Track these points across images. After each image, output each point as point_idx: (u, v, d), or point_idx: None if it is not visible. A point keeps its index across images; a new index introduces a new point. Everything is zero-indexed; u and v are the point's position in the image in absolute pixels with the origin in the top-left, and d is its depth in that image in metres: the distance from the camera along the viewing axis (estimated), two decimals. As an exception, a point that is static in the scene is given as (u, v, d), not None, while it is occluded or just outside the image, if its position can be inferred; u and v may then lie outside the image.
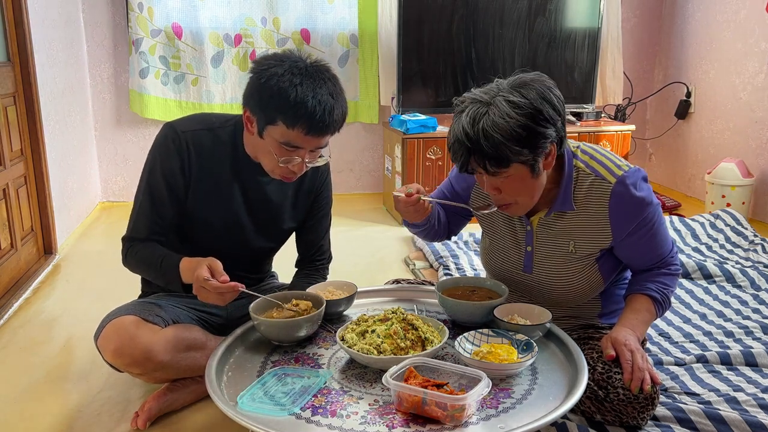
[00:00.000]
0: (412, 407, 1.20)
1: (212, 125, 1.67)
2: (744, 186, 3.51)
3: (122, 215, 3.84)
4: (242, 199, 1.70)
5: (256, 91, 1.50)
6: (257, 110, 1.52)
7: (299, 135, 1.49)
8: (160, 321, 1.63)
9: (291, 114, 1.46)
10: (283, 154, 1.53)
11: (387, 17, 3.96)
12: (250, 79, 1.53)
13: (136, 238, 1.66)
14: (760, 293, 2.40)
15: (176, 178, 1.63)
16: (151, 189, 1.64)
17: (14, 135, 2.77)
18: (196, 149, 1.63)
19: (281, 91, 1.46)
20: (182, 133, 1.62)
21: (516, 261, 1.66)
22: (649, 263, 1.60)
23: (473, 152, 1.40)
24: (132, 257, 1.66)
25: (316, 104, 1.46)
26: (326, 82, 1.51)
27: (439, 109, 3.87)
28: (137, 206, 1.67)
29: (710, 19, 3.98)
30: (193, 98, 3.95)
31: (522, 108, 1.37)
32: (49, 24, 3.16)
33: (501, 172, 1.41)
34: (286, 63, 1.50)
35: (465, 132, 1.39)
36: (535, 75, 1.44)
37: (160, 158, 1.63)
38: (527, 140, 1.38)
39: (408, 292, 1.81)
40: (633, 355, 1.43)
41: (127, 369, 1.62)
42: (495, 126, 1.36)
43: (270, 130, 1.51)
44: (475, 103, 1.41)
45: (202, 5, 3.81)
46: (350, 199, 4.15)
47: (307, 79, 1.48)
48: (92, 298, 2.59)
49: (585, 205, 1.55)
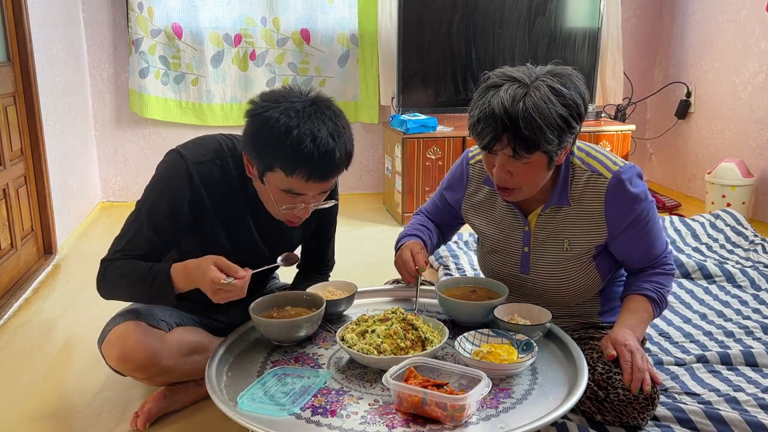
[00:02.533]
0: (412, 407, 1.20)
1: (223, 155, 1.56)
2: (744, 186, 3.51)
3: (122, 215, 3.80)
4: (255, 227, 1.63)
5: (251, 137, 1.42)
6: (254, 157, 1.43)
7: (300, 182, 1.40)
8: (165, 325, 1.62)
9: (288, 161, 1.37)
10: (286, 201, 1.45)
11: (387, 17, 3.96)
12: (246, 122, 1.44)
13: (115, 259, 1.55)
14: (760, 293, 2.40)
15: (183, 211, 1.53)
16: (151, 215, 1.53)
17: (14, 135, 2.77)
18: (205, 183, 1.53)
19: (277, 138, 1.36)
20: (192, 164, 1.52)
21: (513, 262, 1.66)
22: (644, 261, 1.60)
23: (508, 130, 1.37)
24: (112, 274, 1.53)
25: (314, 149, 1.36)
26: (326, 121, 1.40)
27: (439, 109, 3.88)
28: (131, 229, 1.56)
29: (710, 19, 3.98)
30: (193, 98, 3.95)
31: (564, 97, 1.37)
32: (49, 24, 3.16)
33: (524, 157, 1.40)
34: (282, 104, 1.40)
35: (504, 108, 1.36)
36: (571, 69, 1.45)
37: (169, 188, 1.52)
38: (561, 131, 1.38)
39: (408, 292, 1.80)
40: (633, 356, 1.43)
41: (131, 374, 1.61)
42: (537, 108, 1.35)
43: (270, 177, 1.43)
44: (513, 81, 1.39)
45: (202, 5, 3.81)
46: (350, 199, 4.15)
47: (305, 121, 1.37)
48: (92, 299, 2.57)
49: (581, 200, 1.55)
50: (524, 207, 1.62)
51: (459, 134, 3.66)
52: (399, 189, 3.72)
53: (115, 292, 1.58)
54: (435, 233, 1.82)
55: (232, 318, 1.79)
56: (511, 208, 1.63)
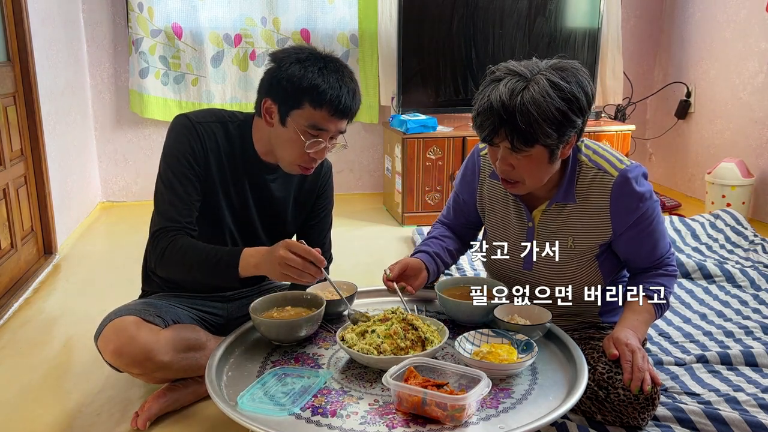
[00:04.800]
0: (412, 407, 1.20)
1: (224, 119, 1.68)
2: (744, 186, 3.51)
3: (122, 215, 3.85)
4: (251, 194, 1.71)
5: (279, 79, 1.53)
6: (280, 97, 1.54)
7: (325, 116, 1.53)
8: (161, 321, 1.63)
9: (317, 94, 1.50)
10: (309, 138, 1.55)
11: (387, 17, 3.96)
12: (269, 69, 1.57)
13: (169, 227, 1.58)
14: (760, 293, 2.40)
15: (196, 158, 1.62)
16: (173, 172, 1.61)
17: (14, 135, 2.77)
18: (209, 139, 1.63)
19: (307, 73, 1.51)
20: (197, 123, 1.63)
21: (516, 258, 1.66)
22: (648, 261, 1.60)
23: (505, 124, 1.39)
24: (175, 251, 1.56)
25: (341, 85, 1.52)
26: (345, 69, 1.57)
27: (439, 109, 3.88)
28: (161, 196, 1.62)
29: (710, 19, 3.98)
30: (193, 98, 3.94)
31: (563, 91, 1.39)
32: (49, 24, 3.16)
33: (524, 150, 1.42)
34: (305, 51, 1.56)
35: (502, 102, 1.38)
36: (576, 63, 1.46)
37: (178, 140, 1.62)
38: (559, 125, 1.39)
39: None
40: (633, 356, 1.43)
41: (127, 369, 1.62)
42: (534, 102, 1.37)
43: (295, 115, 1.54)
44: (514, 75, 1.41)
45: (202, 5, 3.81)
46: (350, 199, 4.15)
47: (329, 64, 1.54)
48: (92, 298, 2.59)
49: (586, 197, 1.55)
50: (529, 202, 1.62)
51: (459, 134, 3.66)
52: (399, 189, 3.72)
53: (176, 268, 1.60)
54: (451, 242, 1.79)
55: (231, 313, 1.80)
56: (517, 203, 1.64)
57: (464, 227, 1.83)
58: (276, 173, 1.70)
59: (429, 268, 1.68)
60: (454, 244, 1.80)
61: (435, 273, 1.70)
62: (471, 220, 1.82)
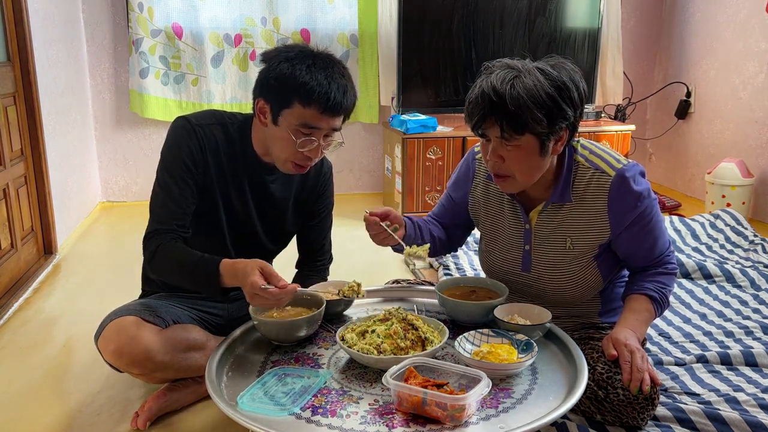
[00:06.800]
0: (412, 407, 1.20)
1: (223, 120, 1.68)
2: (744, 186, 3.51)
3: (122, 215, 3.85)
4: (251, 195, 1.71)
5: (269, 78, 1.54)
6: (271, 96, 1.55)
7: (315, 114, 1.52)
8: (161, 321, 1.63)
9: (305, 92, 1.50)
10: (300, 137, 1.55)
11: (387, 17, 3.97)
12: (262, 69, 1.57)
13: (160, 230, 1.59)
14: (760, 293, 2.40)
15: (194, 161, 1.62)
16: (170, 174, 1.61)
17: (14, 135, 2.77)
18: (209, 142, 1.64)
19: (294, 72, 1.51)
20: (197, 125, 1.63)
21: (514, 260, 1.66)
22: (647, 260, 1.60)
23: (495, 109, 1.41)
24: (162, 257, 1.57)
25: (330, 82, 1.51)
26: (336, 65, 1.56)
27: (439, 109, 3.88)
28: (156, 198, 1.63)
29: (710, 19, 3.98)
30: (193, 98, 3.95)
31: (553, 79, 1.42)
32: (49, 24, 3.16)
33: (514, 138, 1.43)
34: (295, 49, 1.56)
35: (492, 87, 1.41)
36: (568, 62, 1.49)
37: (177, 143, 1.62)
38: (549, 111, 1.40)
39: (408, 292, 1.81)
40: (633, 356, 1.43)
41: (127, 369, 1.62)
42: (524, 87, 1.40)
43: (286, 115, 1.54)
44: (506, 68, 1.45)
45: (202, 5, 3.81)
46: (350, 199, 4.15)
47: (318, 61, 1.54)
48: (92, 298, 2.59)
49: (584, 197, 1.55)
50: (526, 204, 1.62)
51: (459, 134, 3.66)
52: (399, 189, 3.72)
53: (163, 273, 1.63)
54: (437, 229, 1.78)
55: (231, 313, 1.80)
56: (513, 205, 1.63)
57: (452, 226, 1.83)
58: (276, 174, 1.70)
59: (407, 229, 1.65)
60: (438, 232, 1.78)
61: (411, 237, 1.66)
62: (460, 222, 1.81)
